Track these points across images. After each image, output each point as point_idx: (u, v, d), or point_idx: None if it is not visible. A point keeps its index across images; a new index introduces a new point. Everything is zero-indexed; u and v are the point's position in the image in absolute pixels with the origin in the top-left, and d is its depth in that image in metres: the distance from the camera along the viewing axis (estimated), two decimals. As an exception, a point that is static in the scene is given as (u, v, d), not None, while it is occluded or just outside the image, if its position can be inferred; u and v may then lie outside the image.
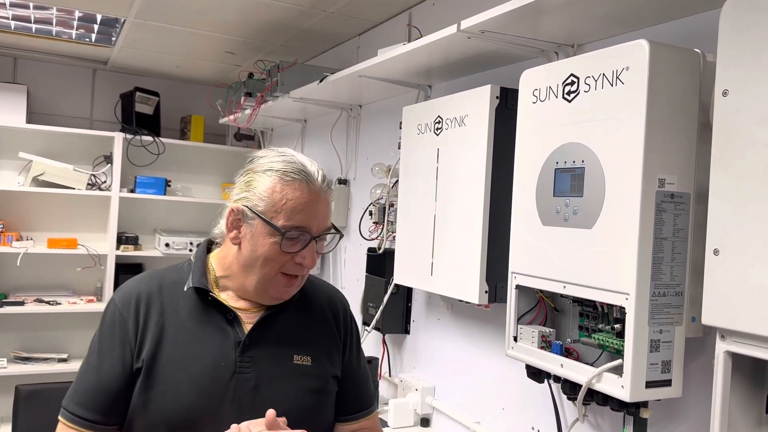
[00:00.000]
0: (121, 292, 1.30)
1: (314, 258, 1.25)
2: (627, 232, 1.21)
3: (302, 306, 1.36)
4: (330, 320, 1.40)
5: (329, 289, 1.47)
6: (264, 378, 1.25)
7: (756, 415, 1.09)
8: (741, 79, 1.03)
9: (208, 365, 1.22)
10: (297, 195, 1.23)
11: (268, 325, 1.29)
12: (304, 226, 1.23)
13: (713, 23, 1.31)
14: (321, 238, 1.27)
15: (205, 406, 1.19)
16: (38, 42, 3.76)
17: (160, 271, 1.35)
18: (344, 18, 2.82)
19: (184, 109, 4.50)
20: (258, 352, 1.26)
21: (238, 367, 1.23)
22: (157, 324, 1.24)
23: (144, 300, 1.26)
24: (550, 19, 1.55)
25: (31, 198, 4.05)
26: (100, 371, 1.23)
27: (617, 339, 1.29)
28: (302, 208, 1.23)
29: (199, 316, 1.26)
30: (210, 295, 1.26)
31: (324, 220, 1.27)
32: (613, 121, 1.26)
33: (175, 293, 1.28)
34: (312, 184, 1.25)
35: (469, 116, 1.83)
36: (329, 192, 1.29)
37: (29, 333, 4.05)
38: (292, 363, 1.28)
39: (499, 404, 1.95)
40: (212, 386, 1.21)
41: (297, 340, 1.31)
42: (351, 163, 3.03)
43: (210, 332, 1.25)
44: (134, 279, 1.33)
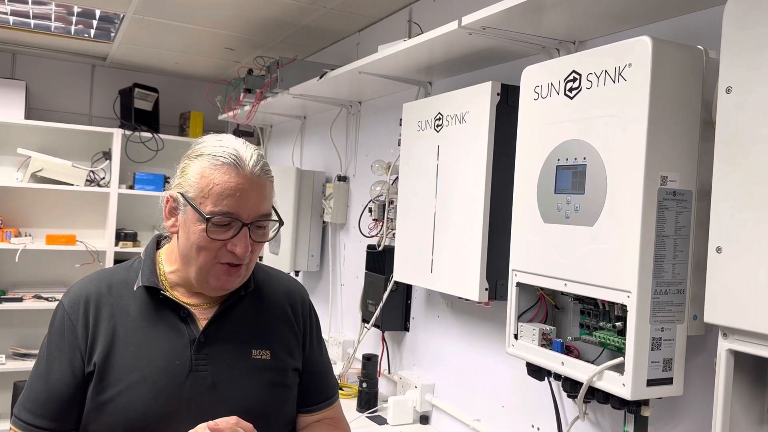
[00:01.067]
0: (69, 294, 1.26)
1: (246, 246, 1.18)
2: (629, 229, 1.21)
3: (258, 299, 1.32)
4: (288, 312, 1.35)
5: (287, 281, 1.42)
6: (222, 375, 1.21)
7: (758, 414, 1.08)
8: (745, 76, 1.02)
9: (163, 365, 1.18)
10: (224, 179, 1.16)
11: (224, 321, 1.25)
12: (232, 212, 1.16)
13: (715, 20, 1.30)
14: (258, 225, 1.21)
15: (162, 407, 1.16)
16: (37, 37, 3.75)
17: (110, 270, 1.31)
18: (344, 14, 2.81)
19: (183, 105, 4.49)
20: (214, 348, 1.22)
21: (194, 366, 1.19)
22: (107, 326, 1.20)
23: (93, 302, 1.22)
24: (551, 15, 1.54)
25: (30, 194, 4.05)
26: (50, 377, 1.20)
27: (618, 337, 1.28)
28: (229, 193, 1.16)
29: (151, 316, 1.22)
30: (161, 294, 1.22)
31: (256, 207, 1.19)
32: (615, 118, 1.25)
33: (124, 293, 1.24)
34: (242, 169, 1.17)
35: (469, 113, 1.82)
36: (264, 177, 1.21)
37: (27, 329, 4.04)
38: (250, 358, 1.24)
39: (498, 402, 1.95)
40: (168, 386, 1.17)
41: (255, 335, 1.27)
42: (351, 160, 3.03)
43: (163, 331, 1.21)
44: (82, 280, 1.29)
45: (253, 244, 1.21)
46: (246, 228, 1.19)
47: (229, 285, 1.23)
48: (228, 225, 1.17)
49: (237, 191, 1.17)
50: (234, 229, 1.18)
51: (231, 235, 1.18)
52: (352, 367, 2.62)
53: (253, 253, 1.22)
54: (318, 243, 3.23)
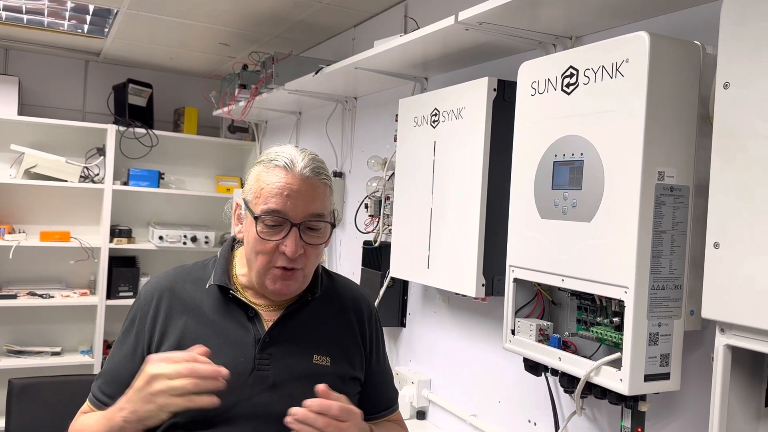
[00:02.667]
0: (146, 287, 1.34)
1: (296, 246, 1.21)
2: (626, 225, 1.21)
3: (325, 305, 1.35)
4: (354, 321, 1.39)
5: (354, 289, 1.46)
6: (282, 376, 1.24)
7: (755, 409, 1.09)
8: (742, 71, 1.02)
9: (228, 361, 1.20)
10: (274, 180, 1.22)
11: (289, 323, 1.29)
12: (280, 210, 1.20)
13: (712, 15, 1.31)
14: (309, 227, 1.24)
15: (223, 402, 1.17)
16: (30, 33, 3.72)
17: (187, 267, 1.37)
18: (339, 9, 2.80)
19: (177, 101, 4.47)
20: (277, 350, 1.26)
21: (257, 365, 1.24)
22: (179, 319, 1.27)
23: (167, 296, 1.29)
24: (548, 10, 1.54)
25: (24, 190, 4.02)
26: (115, 360, 1.28)
27: (615, 332, 1.28)
28: (277, 192, 1.21)
29: (221, 313, 1.27)
30: (230, 293, 1.28)
31: (306, 207, 1.22)
32: (612, 113, 1.25)
33: (199, 289, 1.30)
34: (291, 170, 1.22)
35: (466, 108, 1.82)
36: (315, 179, 1.24)
37: (22, 326, 4.03)
38: (311, 363, 1.28)
39: (495, 397, 1.95)
40: (231, 382, 1.18)
41: (317, 340, 1.31)
42: (346, 156, 3.02)
43: (231, 328, 1.26)
44: (160, 275, 1.36)
45: (306, 246, 1.23)
46: (296, 228, 1.21)
47: (286, 289, 1.26)
48: (279, 226, 1.21)
49: (285, 190, 1.21)
50: (284, 230, 1.21)
51: (282, 236, 1.21)
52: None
53: (308, 257, 1.24)
54: (314, 239, 3.22)
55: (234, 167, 4.62)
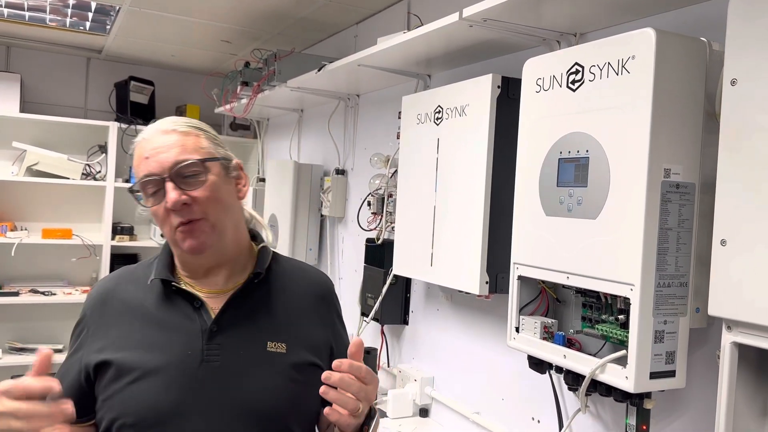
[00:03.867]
0: (91, 291, 1.31)
1: (175, 196, 1.16)
2: (632, 222, 1.20)
3: (278, 290, 1.29)
4: (313, 305, 1.33)
5: (312, 272, 1.40)
6: (234, 366, 1.19)
7: (761, 406, 1.08)
8: (750, 67, 1.02)
9: (175, 355, 1.18)
10: (137, 153, 1.21)
11: (237, 310, 1.23)
12: (147, 173, 1.18)
13: (718, 12, 1.30)
14: (182, 175, 1.18)
15: (174, 397, 1.16)
16: (31, 30, 3.72)
17: (131, 267, 1.34)
18: (342, 6, 2.79)
19: (179, 98, 4.47)
20: (226, 338, 1.20)
21: (205, 356, 1.18)
22: (122, 319, 1.23)
23: (109, 298, 1.26)
24: (553, 7, 1.53)
25: (26, 188, 4.03)
26: (66, 371, 1.25)
27: (621, 330, 1.28)
28: (141, 161, 1.19)
29: (165, 307, 1.23)
30: (173, 285, 1.23)
31: (169, 159, 1.17)
32: (618, 110, 1.25)
33: (140, 288, 1.26)
34: (148, 137, 1.21)
35: (469, 106, 1.81)
36: (178, 130, 1.21)
37: (24, 323, 4.03)
38: (264, 350, 1.22)
39: (498, 395, 1.95)
40: (180, 377, 1.17)
41: (271, 326, 1.25)
42: (349, 154, 3.02)
43: (177, 322, 1.21)
44: (106, 277, 1.33)
45: (192, 193, 1.18)
46: (168, 180, 1.17)
47: (197, 243, 1.19)
48: (157, 191, 1.18)
49: (146, 154, 1.19)
50: (160, 191, 1.18)
51: (162, 197, 1.18)
52: (351, 361, 2.62)
53: (201, 204, 1.18)
54: (316, 236, 3.23)
55: (236, 165, 4.61)
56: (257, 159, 4.31)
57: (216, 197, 1.20)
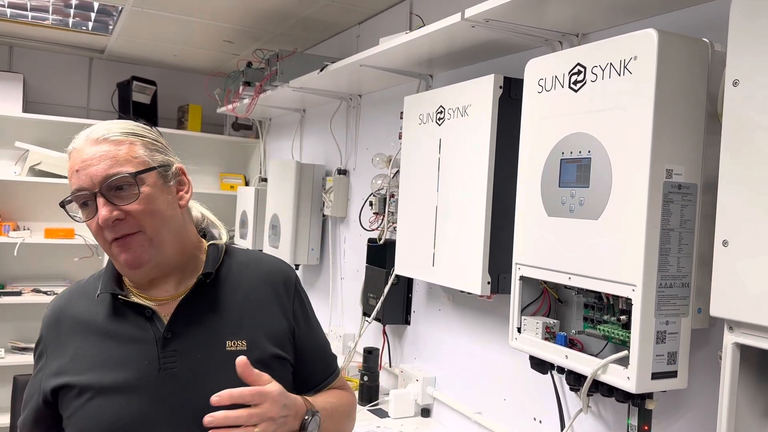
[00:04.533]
0: (46, 310, 1.28)
1: (106, 212, 1.11)
2: (634, 223, 1.20)
3: (231, 287, 1.25)
4: (271, 296, 1.28)
5: (268, 261, 1.34)
6: (193, 370, 1.16)
7: (763, 407, 1.08)
8: (752, 68, 1.02)
9: (132, 367, 1.15)
10: (71, 162, 1.16)
11: (190, 314, 1.20)
12: (78, 187, 1.13)
13: (720, 13, 1.30)
14: (113, 188, 1.13)
15: (135, 409, 1.13)
16: (34, 30, 3.73)
17: (82, 282, 1.30)
18: (344, 6, 2.79)
19: (181, 98, 4.47)
20: (183, 344, 1.17)
21: (162, 364, 1.15)
22: (76, 336, 1.20)
23: (62, 316, 1.24)
24: (555, 7, 1.54)
25: (28, 188, 4.03)
26: (28, 393, 1.25)
27: (623, 330, 1.28)
28: (72, 173, 1.15)
29: (116, 320, 1.19)
30: (119, 297, 1.19)
31: (100, 172, 1.12)
32: (620, 110, 1.25)
33: (91, 302, 1.23)
34: (78, 145, 1.16)
35: (471, 106, 1.81)
36: (109, 140, 1.15)
37: (26, 323, 4.03)
38: (224, 350, 1.18)
39: (500, 395, 1.95)
40: (139, 388, 1.14)
41: (227, 325, 1.21)
42: (351, 154, 3.02)
43: (130, 334, 1.18)
44: (58, 295, 1.30)
45: (123, 208, 1.13)
46: (99, 196, 1.13)
47: (133, 258, 1.15)
48: (88, 204, 1.14)
49: (76, 167, 1.15)
50: (92, 204, 1.14)
51: (94, 210, 1.14)
52: (353, 361, 2.63)
53: (137, 218, 1.14)
54: (318, 236, 3.23)
55: (238, 165, 4.62)
56: (259, 159, 4.32)
57: (151, 210, 1.15)
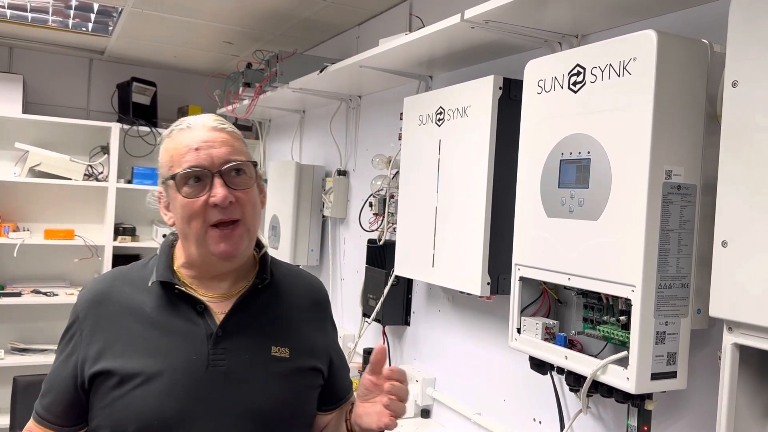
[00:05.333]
0: (83, 293, 1.26)
1: (224, 192, 1.15)
2: (633, 223, 1.21)
3: (278, 295, 1.29)
4: (311, 310, 1.34)
5: (307, 276, 1.41)
6: (240, 370, 1.18)
7: (762, 407, 1.08)
8: (751, 70, 1.02)
9: (180, 360, 1.16)
10: (180, 142, 1.19)
11: (242, 315, 1.23)
12: (196, 164, 1.16)
13: (719, 14, 1.30)
14: (231, 172, 1.18)
15: (178, 403, 1.14)
16: (34, 31, 3.73)
17: (125, 268, 1.30)
18: (344, 7, 2.80)
19: (181, 99, 4.47)
20: (232, 343, 1.19)
21: (211, 360, 1.17)
22: (120, 323, 1.19)
23: (105, 300, 1.22)
24: (554, 8, 1.54)
25: (28, 188, 4.03)
26: (56, 375, 1.22)
27: (622, 331, 1.28)
28: (187, 150, 1.17)
29: (167, 311, 1.20)
30: (176, 288, 1.20)
31: (221, 155, 1.17)
32: (619, 112, 1.25)
33: (138, 290, 1.22)
34: (194, 128, 1.20)
35: (471, 107, 1.82)
36: (225, 130, 1.22)
37: (26, 324, 4.04)
38: (269, 354, 1.22)
39: (500, 395, 1.95)
40: (185, 382, 1.15)
41: (274, 331, 1.25)
42: (350, 155, 3.02)
43: (180, 326, 1.19)
44: (97, 279, 1.28)
45: (237, 193, 1.18)
46: (218, 175, 1.17)
47: (232, 249, 1.18)
48: (201, 181, 1.17)
49: (194, 144, 1.18)
50: (207, 183, 1.17)
51: (206, 189, 1.16)
52: (352, 362, 2.63)
53: (242, 205, 1.18)
54: (318, 237, 3.23)
55: (238, 166, 4.62)
56: (259, 160, 4.32)
57: (253, 202, 1.22)
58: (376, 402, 1.18)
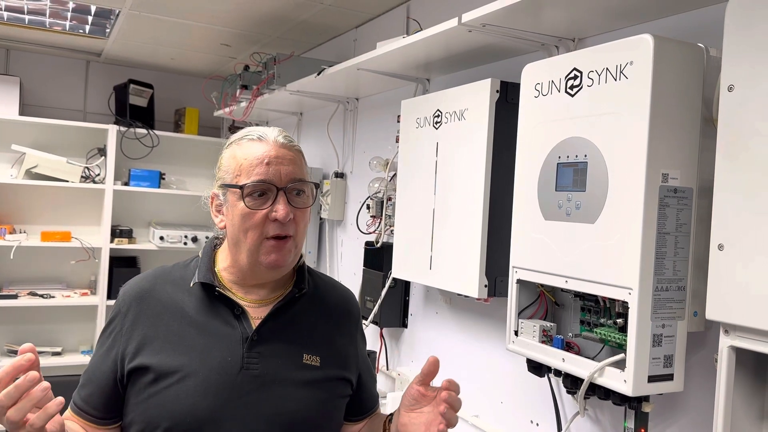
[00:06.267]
0: (125, 288, 1.29)
1: (287, 209, 1.20)
2: (630, 226, 1.21)
3: (313, 304, 1.33)
4: (343, 320, 1.37)
5: (340, 288, 1.45)
6: (272, 375, 1.22)
7: (758, 409, 1.09)
8: (747, 74, 1.03)
9: (215, 361, 1.19)
10: (252, 152, 1.22)
11: (278, 321, 1.26)
12: (265, 179, 1.20)
13: (715, 18, 1.31)
14: (294, 191, 1.24)
15: (210, 403, 1.17)
16: (31, 33, 3.73)
17: (167, 268, 1.33)
18: (341, 10, 2.80)
19: (178, 101, 4.48)
20: (266, 348, 1.23)
21: (245, 363, 1.20)
22: (160, 321, 1.23)
23: (147, 297, 1.25)
24: (551, 12, 1.54)
25: (25, 191, 4.03)
26: (96, 367, 1.25)
27: (619, 333, 1.29)
28: (258, 162, 1.21)
29: (206, 312, 1.24)
30: (216, 290, 1.24)
31: (288, 173, 1.23)
32: (616, 115, 1.25)
33: (181, 289, 1.26)
34: (266, 141, 1.24)
35: (469, 110, 1.82)
36: (291, 146, 1.26)
37: (23, 326, 4.03)
38: (301, 362, 1.25)
39: (497, 398, 1.96)
40: (218, 383, 1.18)
41: (307, 339, 1.28)
42: (348, 157, 3.02)
43: (217, 328, 1.23)
44: (139, 276, 1.32)
45: (295, 211, 1.22)
46: (282, 192, 1.21)
47: (281, 261, 1.23)
48: (265, 195, 1.21)
49: (265, 158, 1.22)
50: (271, 197, 1.21)
51: (270, 204, 1.21)
52: (350, 364, 2.63)
53: (297, 223, 1.24)
54: (315, 239, 3.23)
55: (235, 168, 4.62)
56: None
57: (306, 220, 1.28)
58: (424, 412, 1.18)
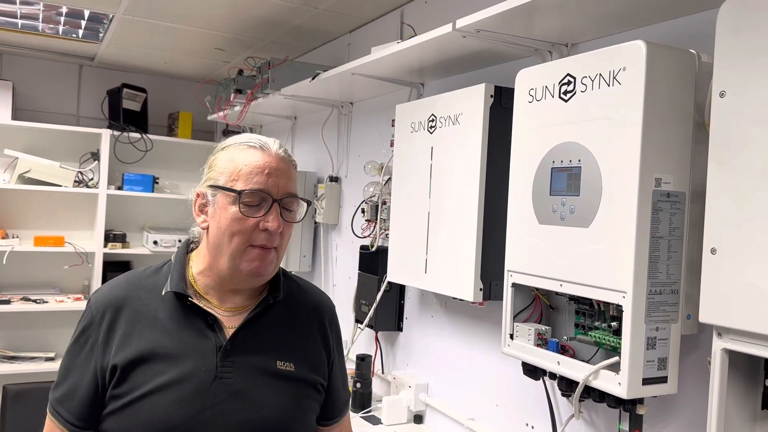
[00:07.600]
0: (96, 296, 1.27)
1: (279, 221, 1.21)
2: (624, 230, 1.22)
3: (287, 310, 1.32)
4: (316, 327, 1.37)
5: (316, 293, 1.44)
6: (246, 383, 1.21)
7: (751, 411, 1.10)
8: (738, 80, 1.04)
9: (188, 371, 1.18)
10: (253, 160, 1.22)
11: (251, 330, 1.25)
12: (263, 188, 1.21)
13: (707, 24, 1.33)
14: (287, 205, 1.24)
15: (185, 413, 1.16)
16: (24, 37, 3.71)
17: (138, 273, 1.32)
18: (335, 15, 2.81)
19: (171, 105, 4.47)
20: (240, 357, 1.22)
21: (219, 373, 1.20)
22: (133, 330, 1.21)
23: (119, 306, 1.24)
24: (545, 18, 1.56)
25: (17, 195, 4.01)
26: (71, 375, 1.23)
27: (613, 336, 1.30)
28: (258, 171, 1.21)
29: (178, 321, 1.23)
30: (189, 300, 1.23)
31: (285, 185, 1.24)
32: (609, 121, 1.27)
33: (153, 297, 1.25)
34: (268, 150, 1.24)
35: (463, 115, 1.83)
36: (290, 161, 1.28)
37: (16, 332, 4.01)
38: (275, 368, 1.25)
39: (493, 401, 1.97)
40: (192, 392, 1.17)
41: (281, 346, 1.28)
42: (342, 161, 3.03)
43: (190, 337, 1.22)
44: (111, 283, 1.30)
45: (284, 224, 1.23)
46: (277, 204, 1.22)
47: (263, 270, 1.23)
48: (259, 205, 1.21)
49: (265, 169, 1.22)
50: (265, 207, 1.21)
51: (263, 213, 1.21)
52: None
53: (283, 237, 1.24)
54: (310, 243, 3.24)
55: (228, 172, 4.61)
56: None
57: (290, 234, 1.28)
58: None
